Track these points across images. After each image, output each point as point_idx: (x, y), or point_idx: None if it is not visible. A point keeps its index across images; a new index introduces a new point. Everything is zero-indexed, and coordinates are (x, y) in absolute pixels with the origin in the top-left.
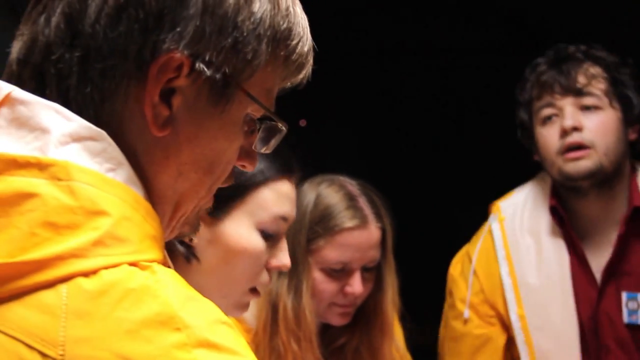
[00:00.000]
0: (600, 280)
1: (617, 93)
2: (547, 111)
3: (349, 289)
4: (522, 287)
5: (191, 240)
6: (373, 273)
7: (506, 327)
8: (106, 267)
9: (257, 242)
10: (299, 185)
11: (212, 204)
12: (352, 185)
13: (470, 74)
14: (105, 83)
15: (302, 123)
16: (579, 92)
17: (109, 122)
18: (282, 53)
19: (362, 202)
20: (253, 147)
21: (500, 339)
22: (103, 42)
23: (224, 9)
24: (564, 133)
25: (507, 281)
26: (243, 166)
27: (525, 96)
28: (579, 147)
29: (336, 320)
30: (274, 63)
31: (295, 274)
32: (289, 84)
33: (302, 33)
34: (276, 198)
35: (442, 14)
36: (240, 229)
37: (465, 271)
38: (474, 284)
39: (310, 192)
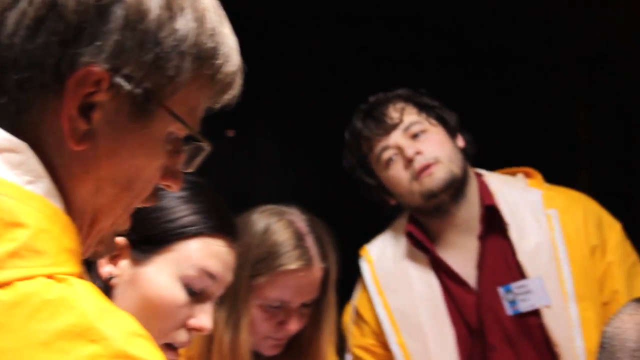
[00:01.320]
0: (475, 284)
1: (430, 114)
2: (386, 154)
3: (285, 326)
4: (396, 314)
5: (110, 278)
6: (310, 308)
7: None
8: (21, 279)
9: (176, 294)
10: (246, 213)
11: (138, 238)
12: (301, 222)
13: (402, 84)
14: (22, 95)
15: (230, 133)
16: (399, 125)
17: (25, 134)
18: (207, 72)
19: (310, 241)
20: (178, 167)
21: None
22: (21, 54)
23: (145, 24)
24: (409, 162)
25: (382, 314)
26: (168, 186)
27: (357, 157)
28: (428, 166)
29: (267, 351)
30: (199, 81)
31: (235, 308)
32: (216, 103)
33: (229, 53)
34: (207, 254)
35: (369, 22)
36: (161, 277)
37: (354, 319)
38: (363, 328)
39: (258, 224)
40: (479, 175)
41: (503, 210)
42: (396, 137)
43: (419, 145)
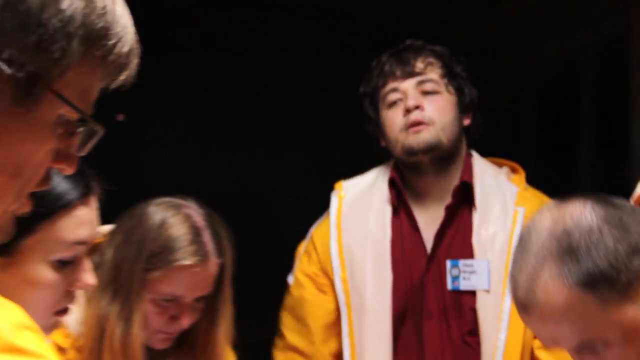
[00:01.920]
0: (430, 249)
1: (452, 81)
2: (392, 96)
3: (177, 320)
4: (346, 250)
5: None
6: (203, 302)
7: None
8: None
9: (48, 276)
10: (142, 204)
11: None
12: (198, 216)
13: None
14: None
15: (120, 117)
16: (418, 76)
17: None
18: (98, 53)
19: (206, 236)
20: (72, 150)
21: (331, 304)
22: None
23: (26, 5)
24: (407, 112)
25: (334, 247)
26: (62, 169)
27: (370, 87)
28: (420, 123)
29: (158, 344)
30: (90, 63)
31: (127, 302)
32: (110, 84)
33: (122, 33)
34: (73, 226)
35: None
36: (30, 267)
37: (307, 246)
38: (312, 256)
39: (155, 217)
40: (469, 155)
41: (476, 191)
42: (408, 85)
43: (424, 102)
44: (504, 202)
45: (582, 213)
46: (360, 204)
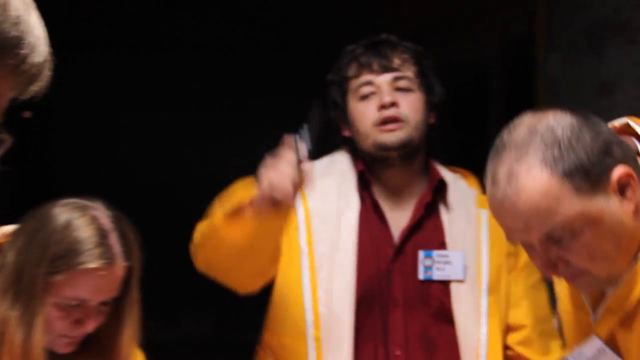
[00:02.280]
0: (398, 239)
1: (424, 79)
2: (366, 89)
3: (81, 325)
4: (314, 219)
5: None
6: (109, 306)
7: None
8: None
9: None
10: (47, 205)
11: None
12: (105, 218)
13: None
14: None
15: (26, 114)
16: (394, 72)
17: None
18: (10, 62)
19: (113, 238)
20: None
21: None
22: None
23: None
24: (382, 107)
25: (300, 212)
26: None
27: (339, 76)
28: (395, 120)
29: (62, 349)
30: (2, 71)
31: (29, 307)
32: (23, 94)
33: (35, 43)
34: None
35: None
36: None
37: None
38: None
39: (60, 219)
40: (428, 158)
41: (449, 190)
42: (384, 79)
43: (399, 97)
44: (466, 205)
45: (563, 114)
46: (324, 191)
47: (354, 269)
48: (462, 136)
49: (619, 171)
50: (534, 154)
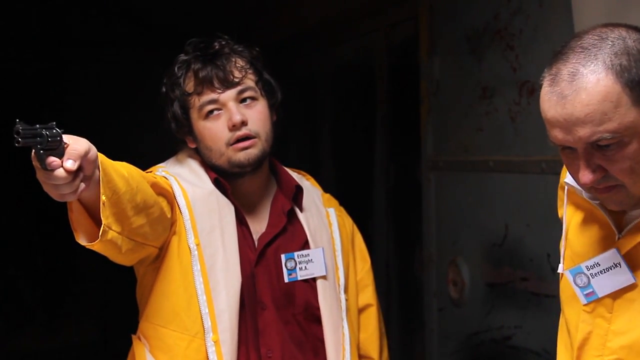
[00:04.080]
0: (259, 244)
1: (264, 85)
2: (211, 107)
3: None
4: (198, 219)
5: None
6: None
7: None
8: None
9: None
10: None
11: None
12: None
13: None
14: None
15: None
16: (237, 86)
17: None
18: None
19: None
20: None
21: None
22: None
23: None
24: (234, 127)
25: (181, 201)
26: None
27: (180, 91)
28: (247, 137)
29: None
30: None
31: None
32: None
33: None
34: None
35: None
36: None
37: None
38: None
39: None
40: (271, 158)
41: (304, 193)
42: (229, 96)
43: (246, 113)
44: (316, 203)
45: (635, 29)
46: (203, 197)
47: (239, 271)
48: (349, 138)
49: None
50: (602, 58)
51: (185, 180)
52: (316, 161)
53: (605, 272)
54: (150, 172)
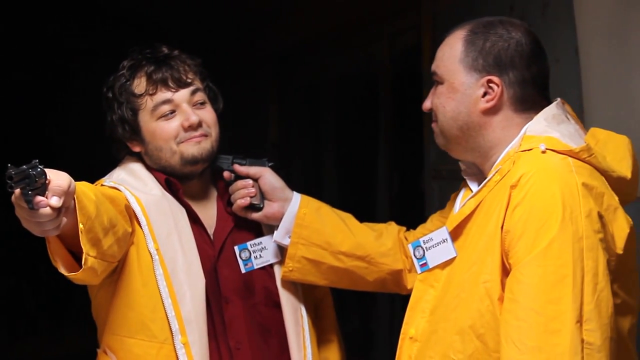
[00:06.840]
0: (214, 239)
1: (209, 90)
2: (165, 107)
3: None
4: (154, 224)
5: None
6: None
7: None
8: None
9: None
10: None
11: None
12: None
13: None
14: None
15: None
16: (190, 86)
17: None
18: None
19: None
20: None
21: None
22: None
23: None
24: (190, 127)
25: (136, 208)
26: None
27: (128, 93)
28: (202, 136)
29: None
30: None
31: None
32: None
33: None
34: None
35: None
36: None
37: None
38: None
39: None
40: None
41: None
42: (182, 97)
43: (200, 114)
44: None
45: (515, 24)
46: (156, 202)
47: (201, 271)
48: (352, 145)
49: (495, 78)
50: (468, 23)
51: (134, 188)
52: (319, 169)
53: (436, 246)
54: (97, 184)
